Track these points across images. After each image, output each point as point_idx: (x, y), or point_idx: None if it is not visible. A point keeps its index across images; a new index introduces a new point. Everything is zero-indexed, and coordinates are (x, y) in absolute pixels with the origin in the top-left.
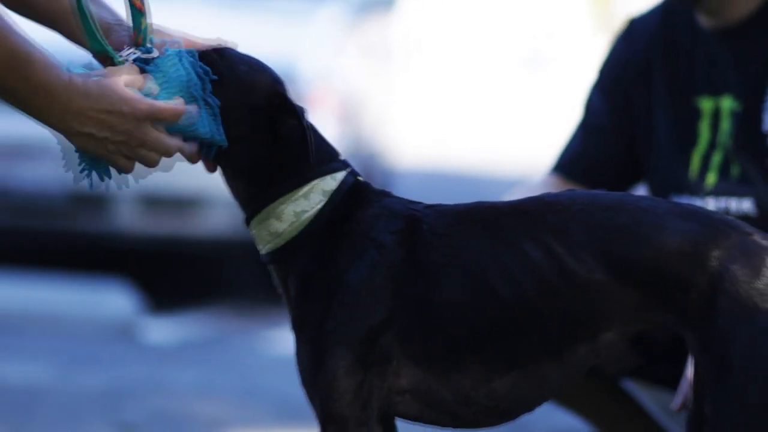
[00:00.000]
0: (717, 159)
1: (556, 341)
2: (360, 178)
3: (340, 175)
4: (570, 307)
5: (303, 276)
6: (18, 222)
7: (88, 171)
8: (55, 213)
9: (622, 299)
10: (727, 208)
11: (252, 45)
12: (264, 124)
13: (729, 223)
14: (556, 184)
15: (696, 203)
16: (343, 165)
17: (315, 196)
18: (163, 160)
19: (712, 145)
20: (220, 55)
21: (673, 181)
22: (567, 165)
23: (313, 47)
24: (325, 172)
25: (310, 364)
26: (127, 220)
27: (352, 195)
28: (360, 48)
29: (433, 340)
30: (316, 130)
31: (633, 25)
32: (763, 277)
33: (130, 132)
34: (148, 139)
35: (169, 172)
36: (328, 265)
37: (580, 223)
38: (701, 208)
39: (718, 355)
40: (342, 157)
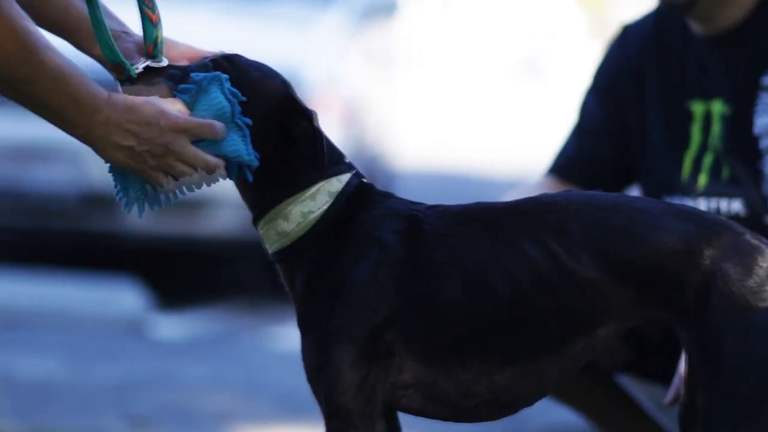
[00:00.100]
0: (708, 161)
1: (555, 337)
2: (364, 179)
3: (346, 177)
4: (568, 305)
5: (309, 275)
6: (32, 222)
7: (124, 192)
8: (68, 213)
9: (619, 297)
10: (717, 209)
11: (258, 51)
12: (275, 128)
13: (722, 223)
14: (553, 185)
15: (688, 204)
16: (348, 167)
17: (321, 197)
18: (188, 179)
19: (704, 147)
20: (231, 62)
21: (665, 183)
22: (563, 167)
23: (317, 53)
24: (331, 174)
25: (316, 360)
26: (137, 220)
27: (357, 196)
28: (363, 54)
29: (435, 336)
30: (323, 133)
31: (627, 31)
32: (754, 276)
33: (167, 145)
34: (185, 152)
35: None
36: (333, 264)
37: (577, 223)
38: (695, 209)
39: (711, 350)
40: (347, 160)
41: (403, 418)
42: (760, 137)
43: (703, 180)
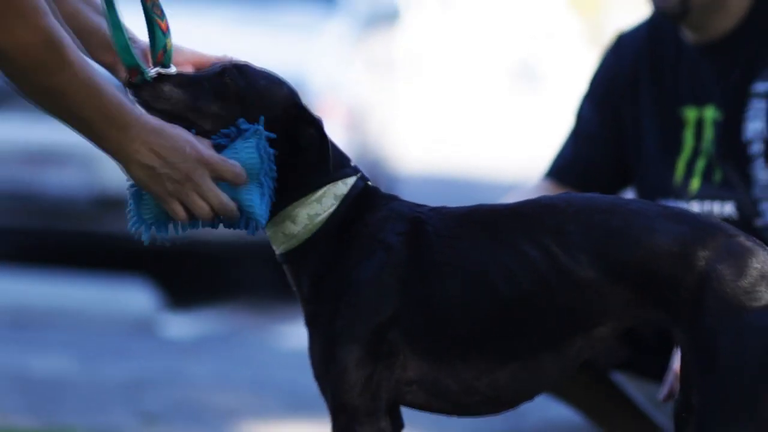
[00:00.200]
0: (700, 165)
1: (554, 336)
2: (369, 182)
3: (351, 180)
4: (567, 304)
5: (315, 275)
6: (45, 224)
7: (136, 212)
8: (80, 215)
9: (616, 297)
10: (710, 212)
11: (264, 58)
12: (282, 134)
13: (716, 225)
14: (550, 188)
15: (681, 206)
16: (354, 171)
17: (327, 200)
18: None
19: (696, 152)
20: (240, 70)
21: (659, 186)
22: (560, 170)
23: (321, 60)
24: (337, 177)
25: (323, 358)
26: None
27: (362, 199)
28: (366, 61)
29: (438, 335)
30: (330, 140)
31: (621, 39)
32: (747, 277)
33: (188, 173)
34: (203, 184)
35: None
36: (339, 265)
37: (575, 224)
38: (689, 211)
39: (705, 349)
40: (352, 163)
41: (406, 413)
42: (750, 142)
43: (695, 183)
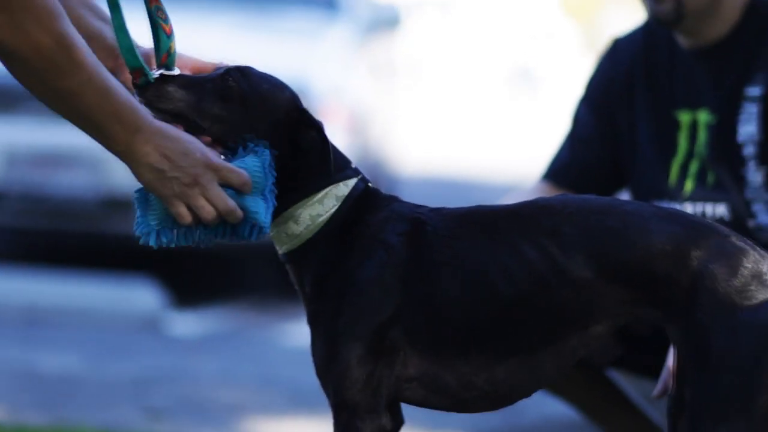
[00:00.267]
0: (694, 167)
1: (551, 334)
2: (370, 184)
3: (352, 181)
4: (563, 303)
5: (318, 275)
6: (54, 225)
7: (143, 217)
8: (88, 216)
9: (611, 295)
10: (703, 213)
11: (266, 62)
12: (284, 137)
13: (709, 225)
14: (547, 190)
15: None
16: (355, 172)
17: (329, 201)
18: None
19: (690, 154)
20: (243, 73)
21: (654, 188)
22: (557, 172)
23: (323, 65)
24: (338, 179)
25: (325, 356)
26: None
27: (363, 200)
28: (367, 65)
29: (438, 333)
30: (331, 143)
31: (617, 44)
32: (740, 276)
33: (196, 177)
34: (211, 189)
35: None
36: (340, 264)
37: (572, 225)
38: (683, 212)
39: (698, 346)
40: (353, 165)
41: (405, 410)
42: (743, 145)
43: (689, 185)
